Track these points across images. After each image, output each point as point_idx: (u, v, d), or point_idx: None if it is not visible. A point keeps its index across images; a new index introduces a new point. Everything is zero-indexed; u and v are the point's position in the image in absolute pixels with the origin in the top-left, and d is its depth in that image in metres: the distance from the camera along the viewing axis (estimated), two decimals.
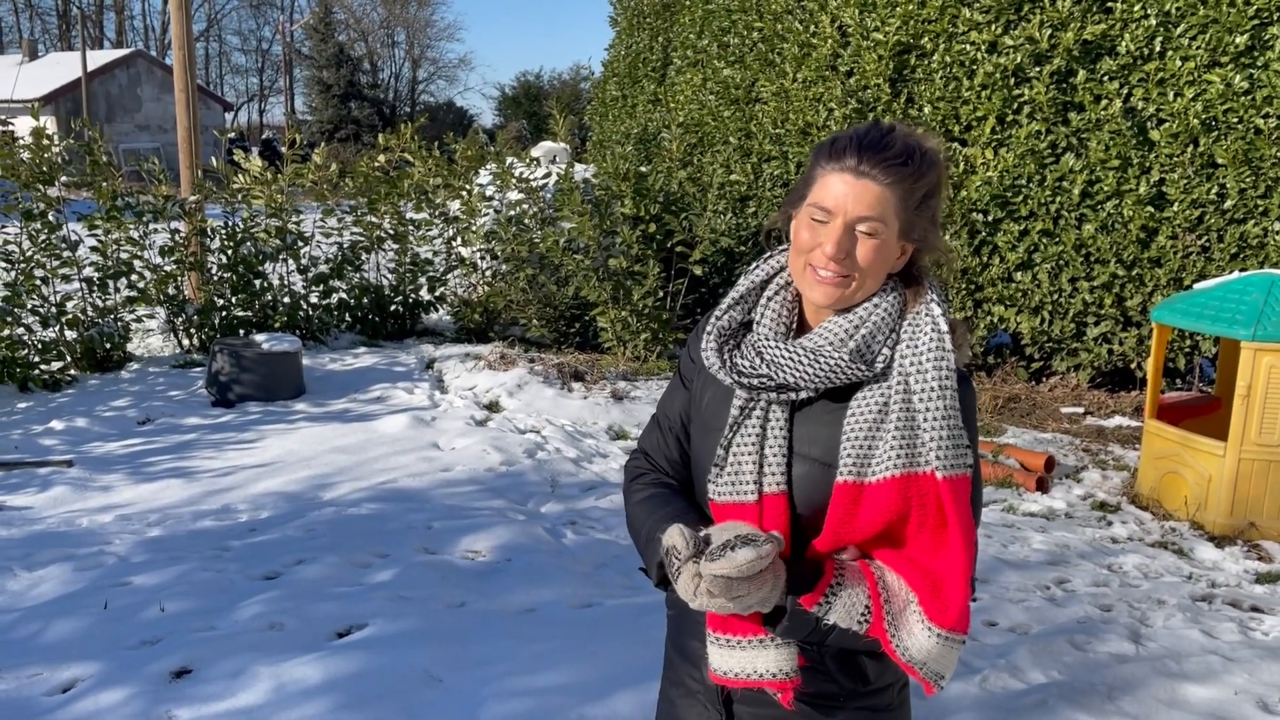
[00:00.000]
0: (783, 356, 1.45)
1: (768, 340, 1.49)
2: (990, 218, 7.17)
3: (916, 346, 1.42)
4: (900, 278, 1.49)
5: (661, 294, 8.18)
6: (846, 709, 1.50)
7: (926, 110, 7.35)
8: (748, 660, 1.44)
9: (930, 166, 1.44)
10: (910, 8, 7.33)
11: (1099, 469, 5.88)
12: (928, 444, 1.36)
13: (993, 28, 7.06)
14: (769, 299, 1.54)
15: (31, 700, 3.19)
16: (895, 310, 1.45)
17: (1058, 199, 6.92)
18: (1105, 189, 6.73)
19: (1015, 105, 7.05)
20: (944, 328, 1.41)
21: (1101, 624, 3.85)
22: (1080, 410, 7.02)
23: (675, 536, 1.36)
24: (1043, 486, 5.51)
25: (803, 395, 1.46)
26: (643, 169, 8.76)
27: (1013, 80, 7.01)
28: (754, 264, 1.60)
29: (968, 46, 7.18)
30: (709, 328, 1.56)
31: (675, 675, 1.68)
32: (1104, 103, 6.75)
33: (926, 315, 1.44)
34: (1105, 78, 6.78)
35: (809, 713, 1.50)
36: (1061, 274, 7.04)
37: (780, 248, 1.57)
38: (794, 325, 1.52)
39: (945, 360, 1.39)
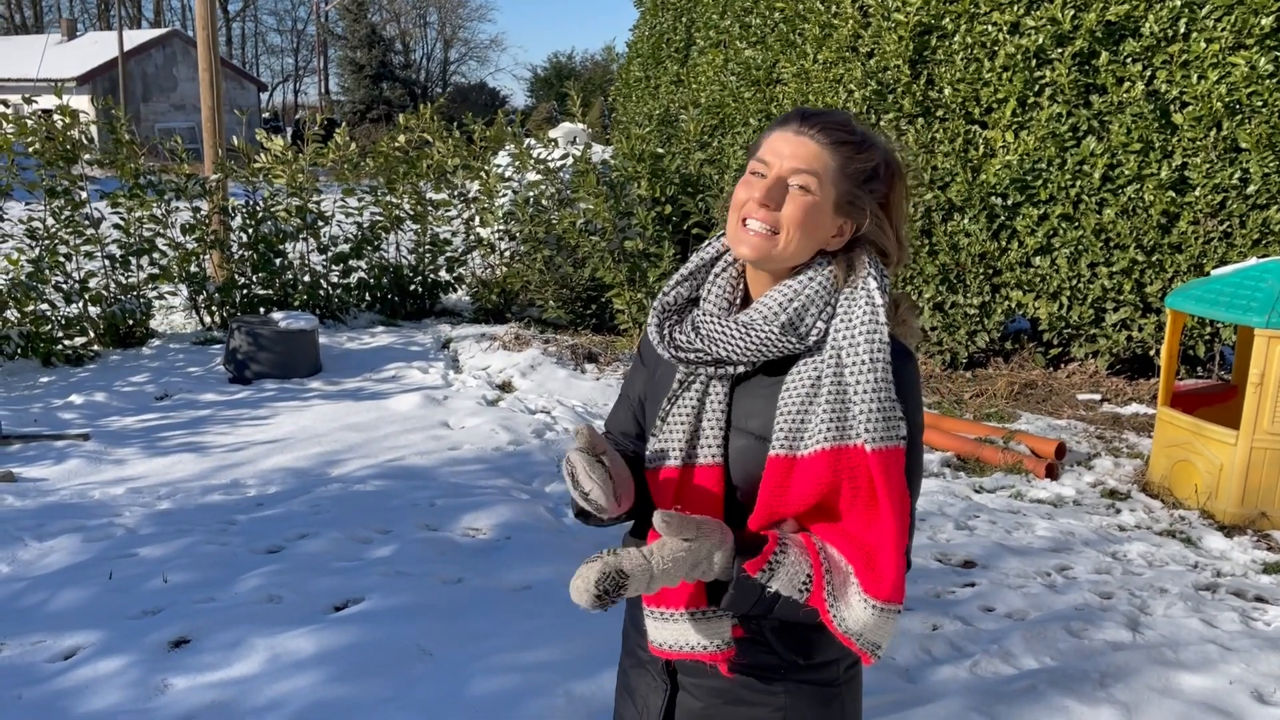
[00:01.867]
0: (717, 331, 1.46)
1: (706, 315, 1.50)
2: (1009, 202, 7.08)
3: (850, 320, 1.42)
4: (841, 257, 1.49)
5: None
6: (787, 681, 1.51)
7: (947, 92, 7.26)
8: (680, 633, 1.47)
9: (875, 146, 1.47)
10: None
11: (1112, 456, 5.81)
12: (857, 416, 1.37)
13: (1015, 8, 6.95)
14: (716, 275, 1.55)
15: (34, 667, 3.26)
16: (830, 284, 1.46)
17: (1078, 183, 6.82)
18: (1126, 173, 6.63)
19: (1036, 87, 6.95)
20: (878, 301, 1.42)
21: (1100, 611, 3.82)
22: (1097, 397, 6.94)
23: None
24: (1052, 473, 5.47)
25: (739, 370, 1.47)
26: (659, 150, 8.73)
27: (1034, 62, 6.91)
28: (706, 241, 1.61)
29: (989, 27, 7.08)
30: (655, 303, 1.57)
31: (629, 645, 1.72)
32: (1126, 85, 6.64)
33: (862, 289, 1.44)
34: (1128, 59, 6.67)
35: (750, 684, 1.51)
36: (1081, 259, 6.95)
37: None
38: (738, 301, 1.53)
39: (878, 333, 1.39)
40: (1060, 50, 6.79)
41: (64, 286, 7.57)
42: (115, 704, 3.05)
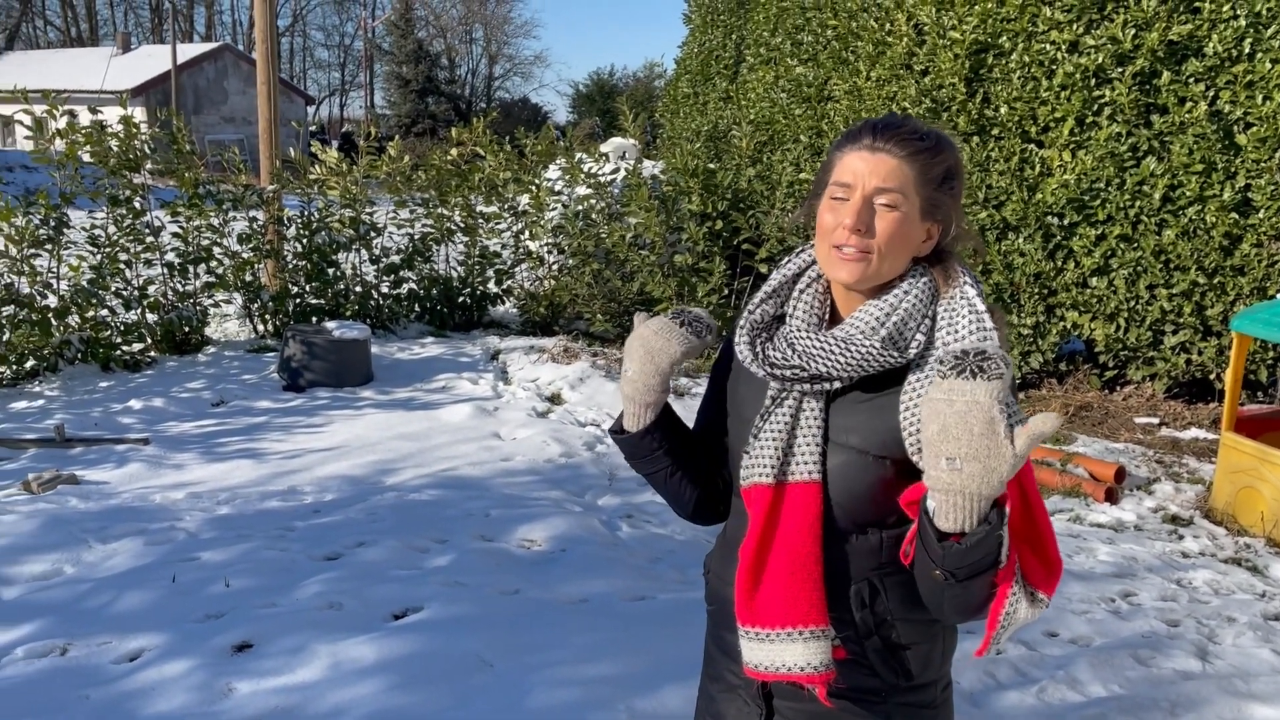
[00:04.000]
0: (815, 347, 1.45)
1: (799, 331, 1.48)
2: (1066, 221, 7.00)
3: (956, 330, 1.40)
4: (929, 262, 1.48)
5: (727, 292, 8.16)
6: (888, 704, 1.49)
7: (1003, 110, 7.20)
8: (776, 654, 1.44)
9: (947, 146, 1.45)
10: (989, 6, 7.20)
11: (1172, 481, 5.71)
12: None
13: (1074, 27, 6.89)
14: (801, 291, 1.53)
15: (101, 668, 3.30)
16: (927, 295, 1.44)
17: (1137, 203, 6.73)
18: (1188, 194, 6.53)
19: (1095, 106, 6.88)
20: (981, 308, 1.40)
21: (1167, 639, 3.74)
22: (1155, 421, 6.83)
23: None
24: (1112, 497, 5.38)
25: (836, 385, 1.45)
26: (711, 165, 8.74)
27: (1093, 81, 6.84)
28: (786, 258, 1.60)
29: (1047, 46, 7.02)
30: (742, 321, 1.56)
31: (714, 670, 1.68)
32: (1189, 105, 6.55)
33: (962, 298, 1.43)
34: (1191, 79, 6.58)
35: (850, 708, 1.49)
36: (1139, 280, 6.85)
37: (812, 242, 1.56)
38: (826, 316, 1.51)
39: (989, 339, 1.37)
40: (1120, 70, 6.72)
41: (124, 293, 7.70)
42: (181, 706, 3.08)
